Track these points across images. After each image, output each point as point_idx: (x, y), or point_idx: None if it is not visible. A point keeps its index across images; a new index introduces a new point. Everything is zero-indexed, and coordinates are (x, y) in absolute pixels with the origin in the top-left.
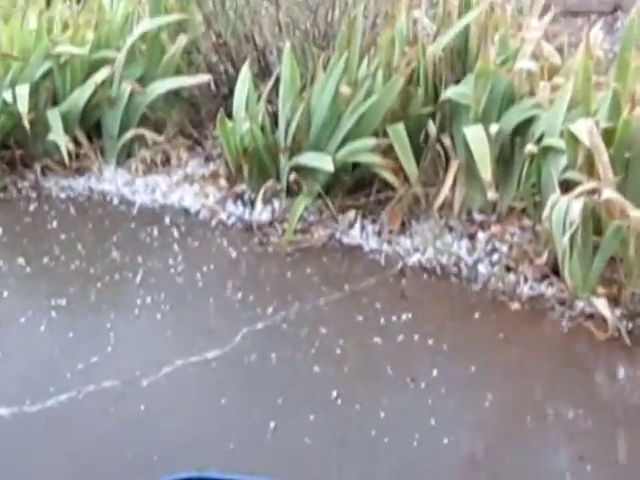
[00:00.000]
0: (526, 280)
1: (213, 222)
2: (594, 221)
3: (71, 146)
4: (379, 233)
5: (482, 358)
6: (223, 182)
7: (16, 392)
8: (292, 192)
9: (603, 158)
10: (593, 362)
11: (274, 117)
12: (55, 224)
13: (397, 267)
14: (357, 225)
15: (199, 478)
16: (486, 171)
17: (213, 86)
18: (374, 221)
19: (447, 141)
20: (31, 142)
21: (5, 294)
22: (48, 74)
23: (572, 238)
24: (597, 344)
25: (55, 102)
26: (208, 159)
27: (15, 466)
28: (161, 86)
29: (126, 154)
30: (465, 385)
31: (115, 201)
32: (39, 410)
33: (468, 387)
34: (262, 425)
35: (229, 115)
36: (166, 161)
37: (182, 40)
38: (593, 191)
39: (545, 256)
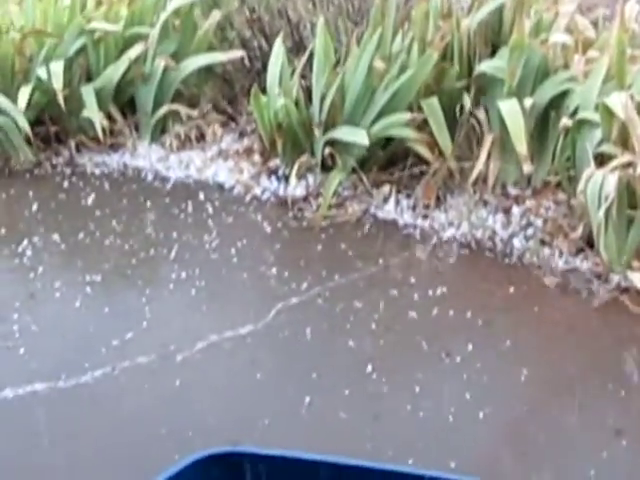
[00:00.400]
0: (561, 254)
1: (247, 197)
2: (629, 195)
3: (105, 122)
4: (414, 208)
5: (517, 332)
6: (257, 157)
7: (51, 368)
8: (326, 167)
9: (638, 131)
10: (628, 336)
11: (308, 92)
12: (90, 200)
13: (432, 242)
14: (391, 200)
15: (234, 453)
16: (521, 144)
17: (247, 61)
18: (409, 196)
19: (481, 115)
20: (65, 118)
21: (40, 270)
22: (82, 50)
23: (607, 212)
24: (633, 318)
25: (89, 78)
26: (242, 134)
27: (50, 441)
28: (195, 62)
29: (160, 130)
30: (500, 359)
31: (149, 177)
32: (74, 386)
33: (503, 361)
34: (297, 400)
35: (263, 90)
36: (200, 137)
37: (216, 15)
38: (628, 164)
39: (580, 230)
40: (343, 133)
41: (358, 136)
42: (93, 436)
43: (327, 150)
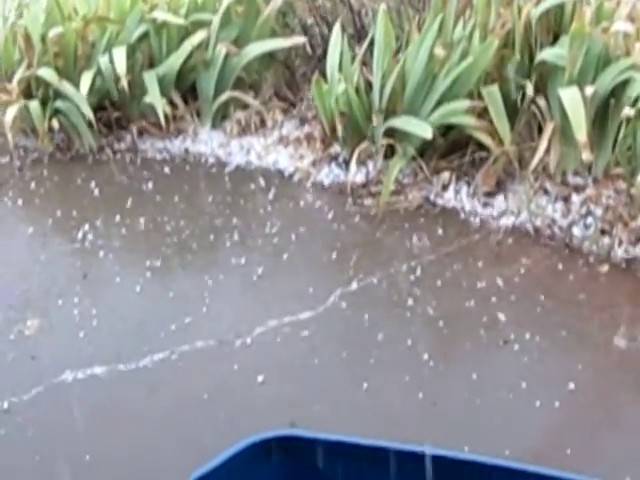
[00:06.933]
0: (620, 243)
1: (307, 184)
2: None
3: (167, 108)
4: (473, 195)
5: (576, 322)
6: (318, 144)
7: (111, 351)
8: (386, 154)
9: None
10: None
11: (368, 79)
12: (151, 185)
13: (491, 229)
14: (451, 187)
15: (291, 436)
16: (581, 133)
17: (308, 48)
18: (468, 183)
19: (542, 103)
20: (127, 104)
21: (101, 254)
22: (144, 37)
23: None
24: None
25: (151, 65)
26: (303, 121)
27: (110, 423)
28: (256, 48)
29: (221, 116)
30: (558, 348)
31: (210, 162)
32: (133, 369)
33: (561, 350)
34: (355, 385)
35: (324, 77)
36: (261, 123)
37: (277, 2)
38: None
39: None
40: (405, 123)
41: (421, 128)
42: (152, 419)
43: (387, 138)
